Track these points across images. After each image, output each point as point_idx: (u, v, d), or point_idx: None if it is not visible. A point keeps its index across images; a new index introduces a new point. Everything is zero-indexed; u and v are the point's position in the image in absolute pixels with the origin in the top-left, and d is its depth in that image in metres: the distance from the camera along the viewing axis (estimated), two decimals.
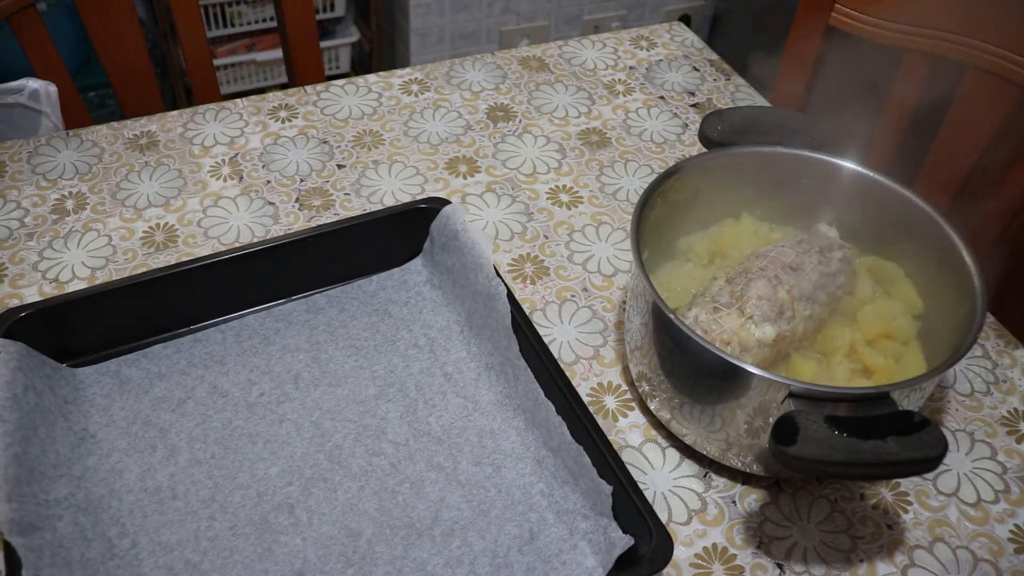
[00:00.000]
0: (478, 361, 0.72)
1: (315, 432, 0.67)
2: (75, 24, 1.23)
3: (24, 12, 1.03)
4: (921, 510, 0.67)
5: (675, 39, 1.17)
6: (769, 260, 0.68)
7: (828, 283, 0.68)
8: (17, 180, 0.89)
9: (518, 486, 0.64)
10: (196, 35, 1.17)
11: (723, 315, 0.64)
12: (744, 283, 0.66)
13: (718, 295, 0.66)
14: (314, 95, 1.02)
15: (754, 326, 0.64)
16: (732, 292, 0.66)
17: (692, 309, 0.66)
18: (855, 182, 0.72)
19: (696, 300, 0.67)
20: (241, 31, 2.17)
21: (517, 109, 1.03)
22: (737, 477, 0.68)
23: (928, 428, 0.54)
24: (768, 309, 0.64)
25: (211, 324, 0.73)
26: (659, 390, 0.67)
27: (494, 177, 0.93)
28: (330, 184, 0.91)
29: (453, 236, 0.75)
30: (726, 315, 0.64)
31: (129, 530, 0.60)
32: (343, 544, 0.61)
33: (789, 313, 0.65)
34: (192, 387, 0.69)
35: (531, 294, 0.81)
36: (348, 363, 0.72)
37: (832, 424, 0.55)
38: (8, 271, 0.79)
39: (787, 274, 0.67)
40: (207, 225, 0.85)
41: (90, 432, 0.65)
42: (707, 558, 0.63)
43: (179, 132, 0.96)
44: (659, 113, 1.03)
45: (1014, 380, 0.77)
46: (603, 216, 0.90)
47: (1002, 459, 0.71)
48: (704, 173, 0.73)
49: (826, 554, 0.64)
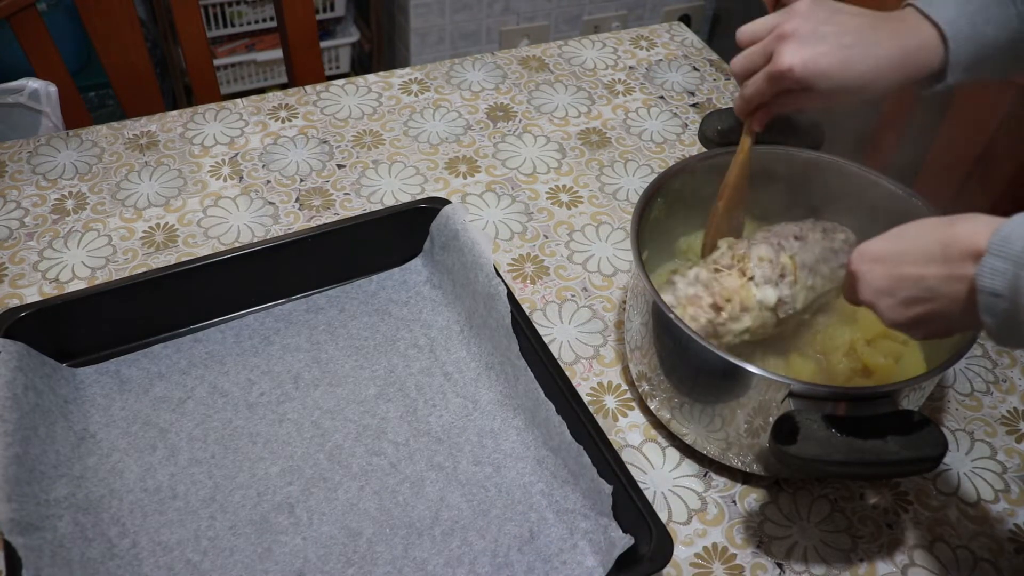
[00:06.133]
0: (478, 361, 0.72)
1: (315, 432, 0.67)
2: (75, 24, 1.23)
3: (24, 12, 1.03)
4: (921, 510, 0.67)
5: (675, 39, 1.17)
6: (773, 232, 0.67)
7: (831, 258, 0.67)
8: (17, 180, 0.89)
9: (518, 486, 0.64)
10: (196, 35, 1.17)
11: (724, 275, 0.63)
12: (746, 247, 0.65)
13: (720, 258, 0.66)
14: (314, 95, 1.02)
15: (755, 287, 0.63)
16: (734, 255, 0.65)
17: (693, 268, 0.65)
18: (855, 182, 0.72)
19: (697, 263, 0.67)
20: (241, 31, 2.17)
21: (517, 109, 1.03)
22: (737, 477, 0.68)
23: (928, 428, 0.54)
24: (769, 271, 0.63)
25: (211, 324, 0.74)
26: (659, 390, 0.67)
27: (494, 177, 0.93)
28: (330, 184, 0.91)
29: (453, 236, 0.75)
30: (727, 275, 0.63)
31: (129, 530, 0.60)
32: (343, 544, 0.61)
33: (790, 278, 0.64)
34: (192, 387, 0.69)
35: (531, 294, 0.81)
36: (348, 363, 0.72)
37: (832, 423, 0.55)
38: (8, 271, 0.79)
39: (790, 242, 0.66)
40: (207, 225, 0.85)
41: (90, 432, 0.65)
42: (707, 558, 0.63)
43: (179, 132, 0.96)
44: (659, 113, 1.03)
45: (1014, 380, 0.77)
46: (603, 216, 0.90)
47: (1002, 459, 0.71)
48: (704, 173, 0.73)
49: (826, 554, 0.64)
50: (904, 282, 0.50)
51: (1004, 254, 0.44)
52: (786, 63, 0.58)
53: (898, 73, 0.58)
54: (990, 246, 0.44)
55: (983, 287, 0.45)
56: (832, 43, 0.57)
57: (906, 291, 0.50)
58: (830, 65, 0.57)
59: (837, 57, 0.57)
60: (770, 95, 0.61)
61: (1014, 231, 0.44)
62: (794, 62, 0.57)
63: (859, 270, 0.53)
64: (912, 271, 0.49)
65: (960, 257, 0.46)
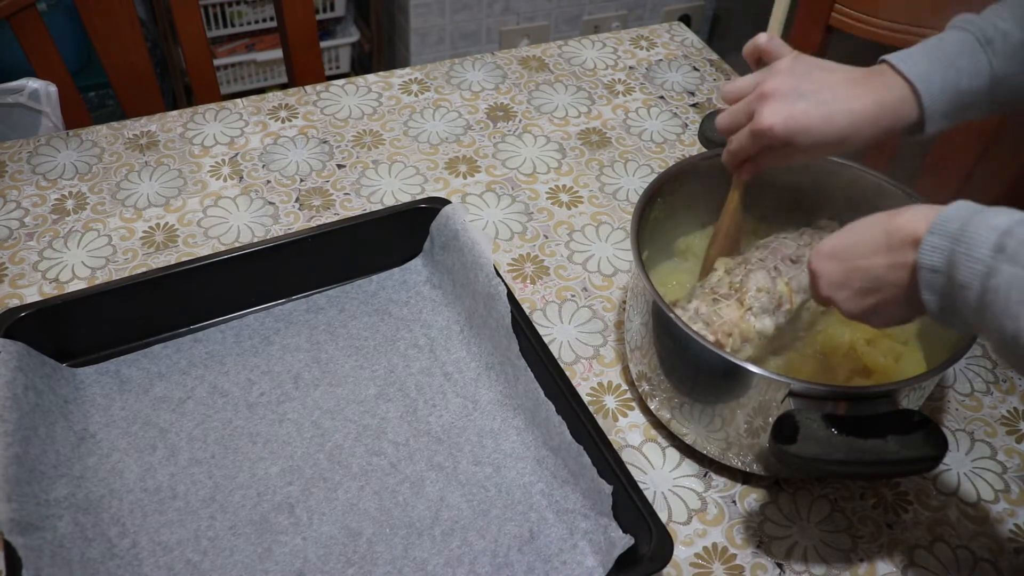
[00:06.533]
0: (478, 361, 0.72)
1: (315, 432, 0.67)
2: (75, 24, 1.23)
3: (24, 12, 1.03)
4: (921, 510, 0.67)
5: (675, 39, 1.17)
6: (769, 251, 0.68)
7: None
8: (17, 180, 0.89)
9: (518, 486, 0.64)
10: (196, 35, 1.17)
11: (723, 306, 0.64)
12: (743, 274, 0.66)
13: (717, 286, 0.66)
14: (314, 95, 1.02)
15: (753, 318, 0.64)
16: (731, 283, 0.66)
17: (692, 301, 0.66)
18: (855, 182, 0.72)
19: (695, 291, 0.67)
20: (241, 31, 2.17)
21: (517, 109, 1.03)
22: (737, 477, 0.68)
23: (928, 427, 0.54)
24: (767, 301, 0.64)
25: (211, 324, 0.73)
26: (659, 390, 0.67)
27: (494, 177, 0.93)
28: (330, 184, 0.91)
29: (453, 236, 0.75)
30: (725, 306, 0.64)
31: (129, 530, 0.60)
32: (343, 544, 0.61)
33: (787, 306, 0.65)
34: (192, 387, 0.69)
35: (531, 294, 0.81)
36: (348, 363, 0.72)
37: (832, 423, 0.55)
38: (8, 271, 0.79)
39: (786, 266, 0.67)
40: (207, 225, 0.85)
41: (90, 432, 0.65)
42: (707, 558, 0.63)
43: (179, 132, 0.96)
44: (659, 113, 1.03)
45: (1014, 380, 0.77)
46: (603, 216, 0.90)
47: (1002, 459, 0.71)
48: (704, 173, 0.73)
49: (826, 554, 0.64)
50: (855, 273, 0.52)
51: (942, 232, 0.46)
52: (767, 122, 0.60)
53: (876, 127, 0.60)
54: (932, 226, 0.47)
55: (922, 263, 0.47)
56: (811, 100, 0.59)
57: (858, 283, 0.52)
58: (809, 122, 0.59)
59: (816, 114, 0.59)
60: (754, 151, 0.63)
61: (952, 213, 0.47)
62: (775, 121, 0.59)
63: (817, 267, 0.55)
64: (861, 263, 0.52)
65: (901, 245, 0.49)
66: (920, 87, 0.59)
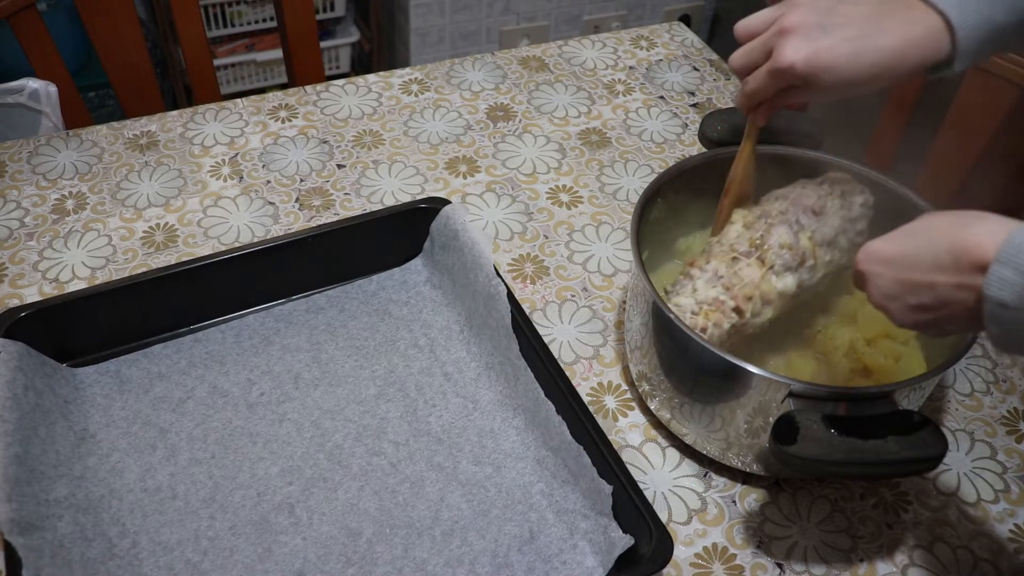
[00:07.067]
0: (478, 361, 0.72)
1: (315, 432, 0.67)
2: (75, 24, 1.23)
3: (24, 12, 1.03)
4: (921, 510, 0.67)
5: (675, 39, 1.17)
6: (790, 202, 0.65)
7: (849, 228, 0.66)
8: (17, 180, 0.89)
9: (518, 486, 0.64)
10: (196, 35, 1.17)
11: (743, 266, 0.62)
12: (764, 229, 0.63)
13: (736, 242, 0.64)
14: (314, 95, 1.02)
15: (775, 277, 0.62)
16: (751, 239, 0.63)
17: (711, 261, 0.64)
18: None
19: (713, 248, 0.65)
20: (241, 31, 2.16)
21: (517, 109, 1.03)
22: (737, 477, 0.68)
23: (928, 427, 0.54)
24: (790, 258, 0.62)
25: (211, 324, 0.74)
26: (659, 390, 0.67)
27: (494, 177, 0.93)
28: (330, 184, 0.91)
29: (453, 236, 0.75)
30: (746, 266, 0.62)
31: (129, 530, 0.60)
32: (343, 544, 0.61)
33: (811, 262, 0.63)
34: (192, 387, 0.69)
35: (531, 294, 0.81)
36: (348, 363, 0.72)
37: (832, 423, 0.55)
38: (8, 271, 0.79)
39: (808, 218, 0.64)
40: (207, 225, 0.85)
41: (90, 432, 0.65)
42: (707, 558, 0.63)
43: (179, 132, 0.96)
44: (659, 113, 1.03)
45: (1014, 380, 0.77)
46: (603, 216, 0.90)
47: (1002, 459, 0.71)
48: (704, 173, 0.73)
49: (826, 554, 0.64)
50: (913, 288, 0.49)
51: (1013, 264, 0.43)
52: (788, 59, 0.56)
53: (904, 64, 0.56)
54: (999, 255, 0.44)
55: (990, 296, 0.44)
56: (836, 36, 0.55)
57: (915, 297, 0.50)
58: (835, 59, 0.55)
59: (842, 51, 0.55)
60: (773, 91, 0.60)
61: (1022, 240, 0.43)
62: (796, 58, 0.56)
63: (868, 271, 0.52)
64: (921, 279, 0.49)
65: (970, 268, 0.46)
66: (955, 20, 0.55)
